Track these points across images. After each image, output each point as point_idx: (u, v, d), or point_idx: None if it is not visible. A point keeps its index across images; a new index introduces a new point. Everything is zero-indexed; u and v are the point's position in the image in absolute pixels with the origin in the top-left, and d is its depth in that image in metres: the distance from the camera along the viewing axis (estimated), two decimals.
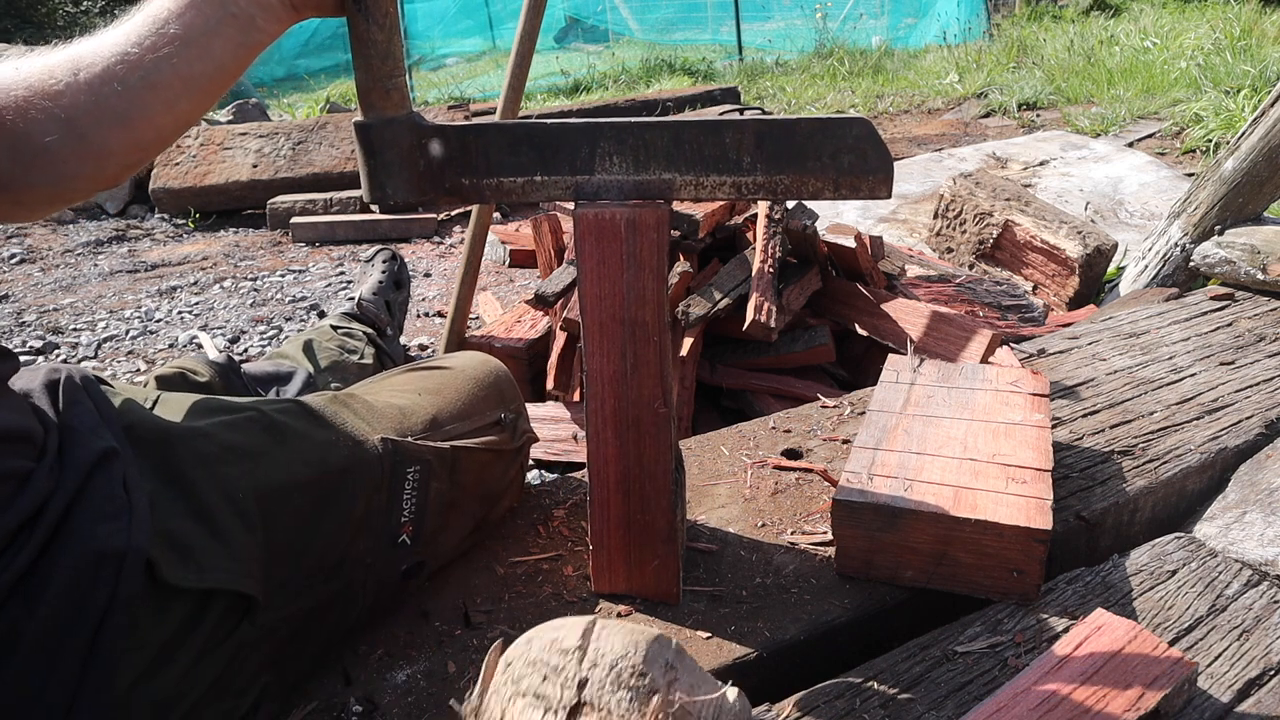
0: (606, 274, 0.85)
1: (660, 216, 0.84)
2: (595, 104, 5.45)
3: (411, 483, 0.95)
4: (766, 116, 0.89)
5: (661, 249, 0.85)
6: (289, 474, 0.85)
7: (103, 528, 0.69)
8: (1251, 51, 4.90)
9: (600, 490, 0.95)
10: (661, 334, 0.88)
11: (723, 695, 0.62)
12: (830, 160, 0.82)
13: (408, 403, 1.02)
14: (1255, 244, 1.79)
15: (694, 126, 0.83)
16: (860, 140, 0.82)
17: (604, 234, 0.84)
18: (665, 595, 1.00)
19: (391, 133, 0.82)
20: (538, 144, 0.85)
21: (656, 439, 0.92)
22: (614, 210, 0.84)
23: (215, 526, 0.77)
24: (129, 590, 0.68)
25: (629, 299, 0.86)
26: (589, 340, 0.88)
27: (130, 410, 0.83)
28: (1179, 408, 1.34)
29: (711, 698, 0.61)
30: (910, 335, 1.63)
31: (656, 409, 0.91)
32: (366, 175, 0.84)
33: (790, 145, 0.82)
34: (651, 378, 0.89)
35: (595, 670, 0.60)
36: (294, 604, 0.83)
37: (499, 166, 0.86)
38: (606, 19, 10.35)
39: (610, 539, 0.97)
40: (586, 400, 0.92)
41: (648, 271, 0.85)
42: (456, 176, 0.86)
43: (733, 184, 0.84)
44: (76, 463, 0.72)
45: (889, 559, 0.98)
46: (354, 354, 1.67)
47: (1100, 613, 0.85)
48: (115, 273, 3.35)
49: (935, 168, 3.60)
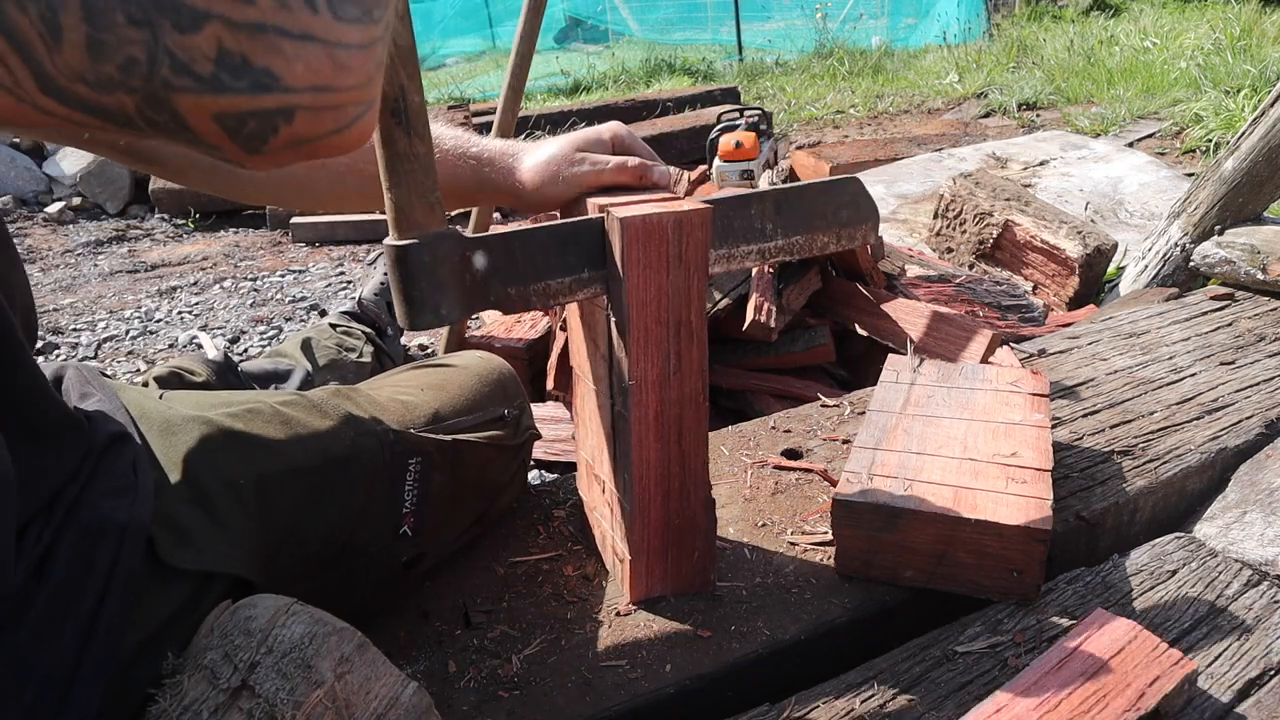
0: (652, 278, 0.84)
1: (705, 215, 0.83)
2: (595, 104, 5.44)
3: (413, 474, 0.95)
4: (783, 186, 0.93)
5: (706, 247, 0.85)
6: (290, 462, 0.86)
7: (109, 502, 0.71)
8: (1251, 51, 4.90)
9: (641, 498, 0.93)
10: (703, 330, 0.88)
11: (397, 692, 0.64)
12: (833, 216, 0.93)
13: (410, 398, 1.03)
14: (1255, 244, 1.79)
15: (725, 203, 0.89)
16: (855, 196, 0.93)
17: (651, 238, 0.82)
18: (703, 586, 1.00)
19: (444, 249, 0.77)
20: (583, 241, 0.84)
21: (697, 432, 0.92)
22: (661, 213, 0.82)
23: (215, 512, 0.78)
24: (130, 564, 0.69)
25: (674, 301, 0.85)
26: (633, 347, 0.86)
27: (136, 401, 0.85)
28: (1179, 408, 1.34)
29: (384, 694, 0.64)
30: (910, 335, 1.63)
31: (699, 404, 0.91)
32: (413, 297, 0.77)
33: (802, 208, 0.92)
34: (695, 375, 0.89)
35: (268, 657, 0.62)
36: (293, 590, 0.84)
37: (545, 270, 0.84)
38: (606, 19, 10.35)
39: (650, 545, 0.96)
40: (622, 408, 0.90)
41: (693, 271, 0.85)
42: (502, 286, 0.82)
43: (759, 251, 0.92)
44: (92, 444, 0.74)
45: (889, 559, 0.98)
46: (352, 352, 1.67)
47: (1100, 613, 0.85)
48: (115, 273, 3.35)
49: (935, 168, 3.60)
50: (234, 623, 0.65)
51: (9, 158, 4.39)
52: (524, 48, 1.71)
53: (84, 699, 0.65)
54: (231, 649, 0.63)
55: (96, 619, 0.67)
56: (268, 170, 0.46)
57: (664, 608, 0.99)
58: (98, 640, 0.67)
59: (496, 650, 0.94)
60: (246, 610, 0.67)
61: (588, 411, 1.03)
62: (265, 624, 0.64)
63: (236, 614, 0.66)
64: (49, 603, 0.66)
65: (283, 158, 0.44)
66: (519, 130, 1.72)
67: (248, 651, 0.63)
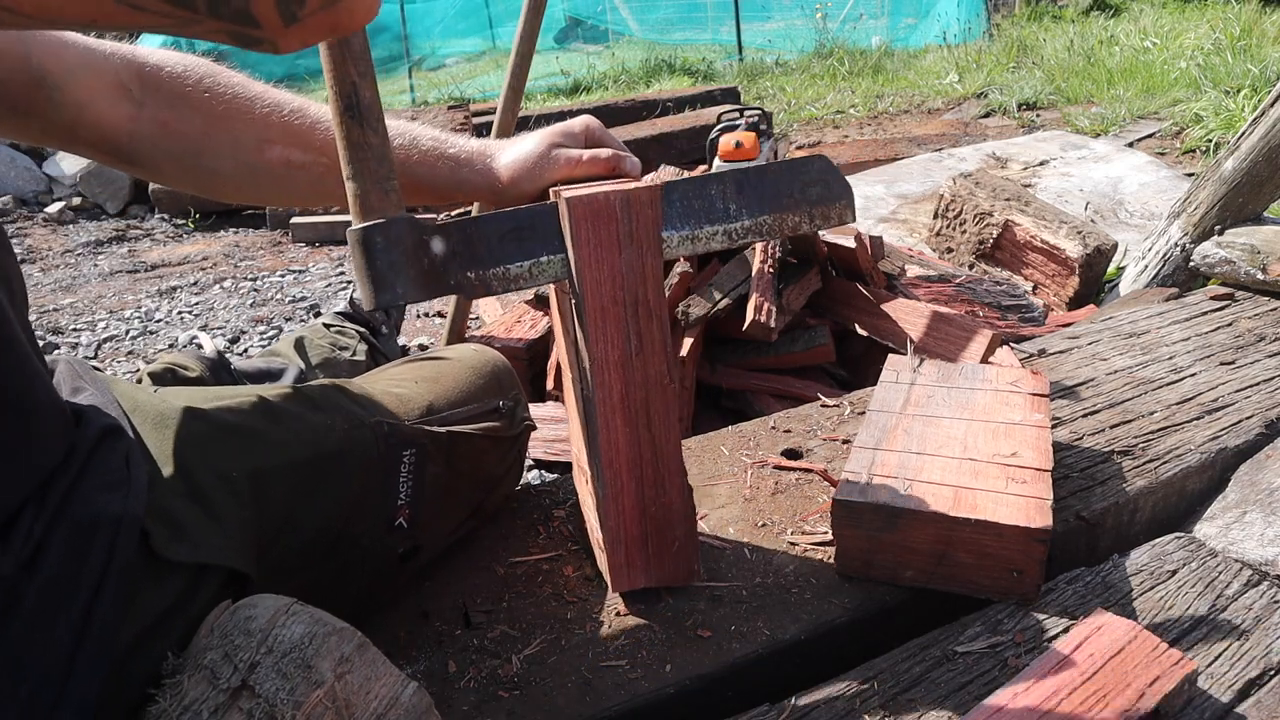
0: (604, 257, 0.85)
1: (653, 193, 0.85)
2: (595, 104, 5.45)
3: (408, 465, 0.95)
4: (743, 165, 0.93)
5: (656, 224, 0.86)
6: (284, 454, 0.86)
7: (102, 496, 0.71)
8: (1251, 51, 4.90)
9: (613, 485, 0.93)
10: (662, 309, 0.88)
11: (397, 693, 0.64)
12: (801, 195, 0.91)
13: (404, 390, 1.03)
14: (1255, 244, 1.79)
15: (680, 184, 0.89)
16: (822, 172, 0.91)
17: (599, 217, 0.84)
18: (687, 578, 1.00)
19: (396, 231, 0.80)
20: (539, 226, 0.86)
21: (666, 416, 0.92)
22: (607, 192, 0.84)
23: (209, 505, 0.79)
24: (124, 558, 0.69)
25: (629, 279, 0.86)
26: (591, 327, 0.87)
27: (129, 394, 0.85)
28: (1179, 408, 1.34)
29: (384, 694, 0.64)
30: (910, 335, 1.63)
31: (665, 385, 0.91)
32: (371, 278, 0.80)
33: (765, 187, 0.90)
34: (658, 355, 0.89)
35: (268, 657, 0.62)
36: (289, 582, 0.84)
37: (503, 255, 0.86)
38: (606, 19, 10.35)
39: (627, 533, 0.96)
40: (588, 391, 0.91)
41: (645, 249, 0.86)
42: (461, 271, 0.84)
43: (724, 232, 0.91)
44: (84, 438, 0.74)
45: (889, 559, 0.98)
46: (345, 351, 1.67)
47: (1100, 613, 0.85)
48: (115, 273, 3.35)
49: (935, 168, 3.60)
50: (234, 623, 0.66)
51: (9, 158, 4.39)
52: (524, 48, 1.71)
53: (80, 693, 0.65)
54: (231, 649, 0.64)
55: (91, 613, 0.67)
56: (296, 49, 0.49)
57: (663, 608, 0.99)
58: (92, 635, 0.67)
59: (496, 650, 0.94)
60: (246, 610, 0.67)
61: (571, 403, 1.03)
62: (265, 624, 0.64)
63: (236, 614, 0.66)
64: (42, 597, 0.66)
65: (314, 26, 0.48)
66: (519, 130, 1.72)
67: (248, 651, 0.63)
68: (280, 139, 0.96)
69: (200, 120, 0.93)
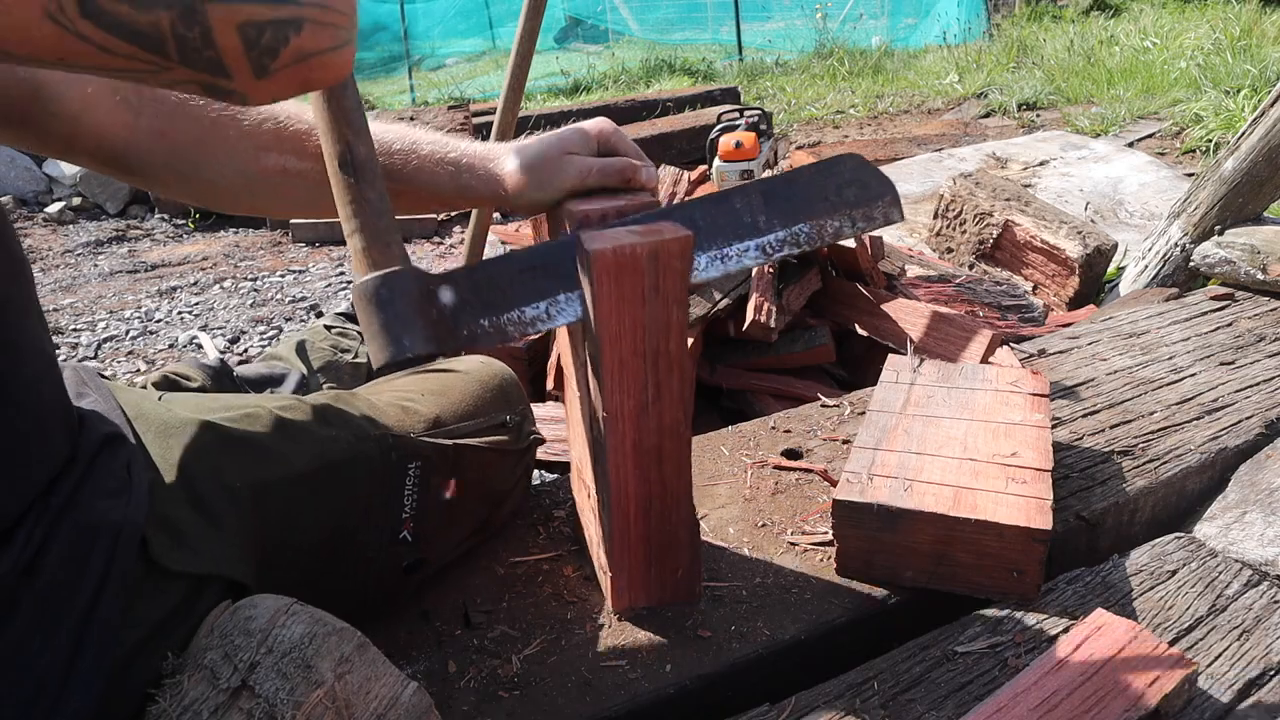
0: (626, 310, 0.79)
1: (684, 244, 0.78)
2: (595, 104, 5.45)
3: (413, 478, 0.95)
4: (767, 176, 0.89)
5: (685, 277, 0.79)
6: (288, 466, 0.86)
7: (103, 503, 0.71)
8: (1251, 51, 4.89)
9: (620, 519, 0.91)
10: (684, 359, 0.84)
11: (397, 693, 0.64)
12: (837, 198, 0.85)
13: (411, 403, 1.02)
14: (1255, 244, 1.79)
15: (699, 204, 0.84)
16: (856, 171, 0.86)
17: (624, 270, 0.77)
18: (689, 597, 0.99)
19: (400, 283, 0.76)
20: (554, 263, 0.81)
21: (678, 461, 0.89)
22: (634, 244, 0.76)
23: (211, 515, 0.78)
24: (124, 565, 0.69)
25: (651, 331, 0.81)
26: (607, 378, 0.82)
27: (134, 402, 0.85)
28: (1179, 408, 1.34)
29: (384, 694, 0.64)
30: (910, 335, 1.63)
31: (680, 433, 0.87)
32: (379, 332, 0.76)
33: (796, 194, 0.84)
34: (674, 405, 0.85)
35: (268, 657, 0.63)
36: (290, 595, 0.84)
37: (517, 297, 0.81)
38: (606, 19, 10.35)
39: (631, 561, 0.95)
40: (599, 435, 0.88)
41: (672, 302, 0.79)
42: (474, 319, 0.80)
43: (758, 247, 0.84)
44: (87, 445, 0.74)
45: (889, 559, 0.98)
46: (347, 353, 1.66)
47: (1100, 613, 0.85)
48: (115, 273, 3.35)
49: (935, 168, 3.60)
50: (234, 623, 0.66)
51: (9, 157, 4.40)
52: (524, 48, 1.71)
53: (79, 700, 0.65)
54: (231, 649, 0.64)
55: (90, 620, 0.67)
56: (266, 103, 0.51)
57: (664, 608, 0.99)
58: (92, 641, 0.67)
59: (496, 650, 0.94)
60: (246, 610, 0.67)
61: (574, 416, 1.02)
62: (265, 624, 0.64)
63: (236, 614, 0.66)
64: (41, 602, 0.65)
65: (286, 79, 0.49)
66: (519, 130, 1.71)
67: (248, 651, 0.63)
68: (275, 146, 0.94)
69: (195, 129, 0.92)
